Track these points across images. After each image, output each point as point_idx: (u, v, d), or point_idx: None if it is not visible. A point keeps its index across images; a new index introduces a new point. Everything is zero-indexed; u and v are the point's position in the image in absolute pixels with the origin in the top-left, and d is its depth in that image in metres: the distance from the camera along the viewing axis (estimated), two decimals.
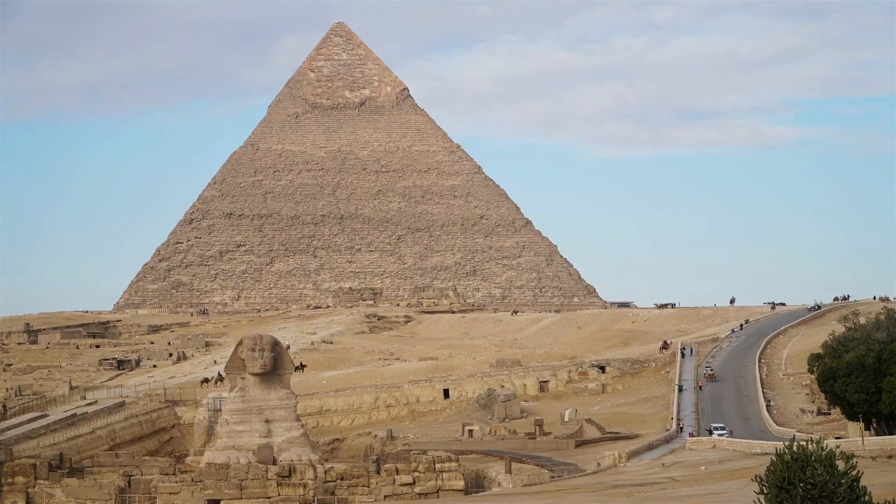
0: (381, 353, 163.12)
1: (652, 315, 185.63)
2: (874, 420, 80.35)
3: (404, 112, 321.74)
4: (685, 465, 73.78)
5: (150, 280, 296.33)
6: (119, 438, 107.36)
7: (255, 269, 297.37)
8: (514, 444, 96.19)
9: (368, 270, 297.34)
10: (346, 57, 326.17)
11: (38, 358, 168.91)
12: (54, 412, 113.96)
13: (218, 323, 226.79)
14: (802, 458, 31.12)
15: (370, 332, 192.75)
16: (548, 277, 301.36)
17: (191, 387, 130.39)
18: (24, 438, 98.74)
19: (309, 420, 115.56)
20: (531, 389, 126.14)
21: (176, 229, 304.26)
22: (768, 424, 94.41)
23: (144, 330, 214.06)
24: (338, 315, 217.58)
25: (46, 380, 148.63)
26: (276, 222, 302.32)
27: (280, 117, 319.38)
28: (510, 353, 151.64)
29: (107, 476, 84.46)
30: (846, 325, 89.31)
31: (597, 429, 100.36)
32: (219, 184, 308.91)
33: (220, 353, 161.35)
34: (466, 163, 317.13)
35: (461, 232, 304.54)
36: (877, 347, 78.93)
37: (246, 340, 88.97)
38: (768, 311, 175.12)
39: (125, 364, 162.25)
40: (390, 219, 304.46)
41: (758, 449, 75.23)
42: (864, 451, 65.08)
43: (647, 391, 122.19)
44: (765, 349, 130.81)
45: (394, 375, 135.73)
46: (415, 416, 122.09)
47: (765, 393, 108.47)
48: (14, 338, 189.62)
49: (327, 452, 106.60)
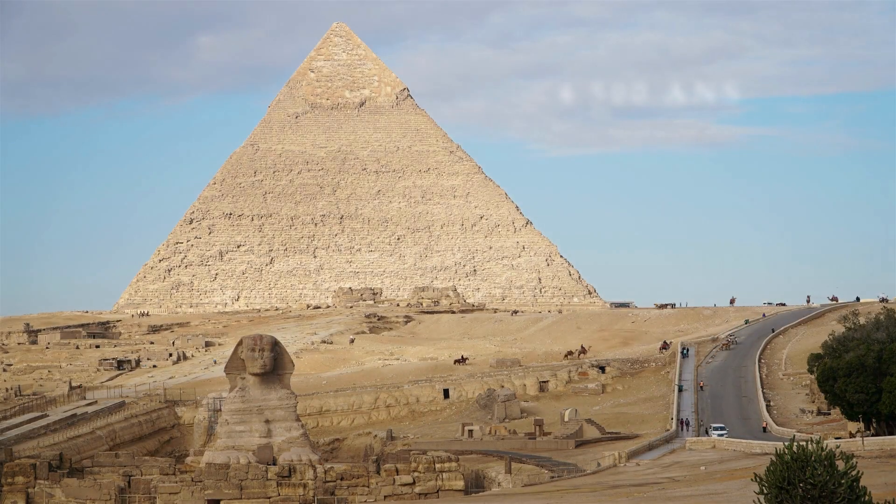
0: (381, 353, 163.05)
1: (652, 315, 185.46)
2: (874, 420, 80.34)
3: (404, 112, 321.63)
4: (685, 465, 73.79)
5: (150, 280, 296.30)
6: (119, 438, 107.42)
7: (255, 269, 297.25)
8: (513, 444, 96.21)
9: (368, 270, 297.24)
10: (345, 57, 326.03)
11: (38, 358, 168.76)
12: (54, 412, 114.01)
13: (218, 323, 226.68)
14: (802, 458, 31.13)
15: (370, 333, 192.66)
16: (548, 277, 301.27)
17: (190, 387, 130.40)
18: (24, 438, 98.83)
19: (309, 420, 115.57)
20: (531, 389, 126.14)
21: (176, 229, 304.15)
22: (768, 424, 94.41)
23: (144, 330, 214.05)
24: (338, 315, 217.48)
25: (46, 380, 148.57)
26: (276, 222, 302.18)
27: (280, 117, 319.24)
28: (510, 354, 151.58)
29: (107, 476, 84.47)
30: (846, 326, 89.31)
31: (597, 429, 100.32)
32: (219, 184, 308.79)
33: (220, 353, 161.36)
34: (466, 163, 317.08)
35: (461, 232, 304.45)
36: (877, 347, 78.94)
37: (246, 340, 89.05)
38: (768, 311, 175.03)
39: (125, 364, 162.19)
40: (390, 219, 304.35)
41: (758, 449, 75.28)
42: (864, 451, 65.12)
43: (646, 391, 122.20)
44: (765, 349, 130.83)
45: (394, 375, 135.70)
46: (415, 416, 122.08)
47: (765, 393, 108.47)
48: (14, 338, 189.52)
49: (327, 452, 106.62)
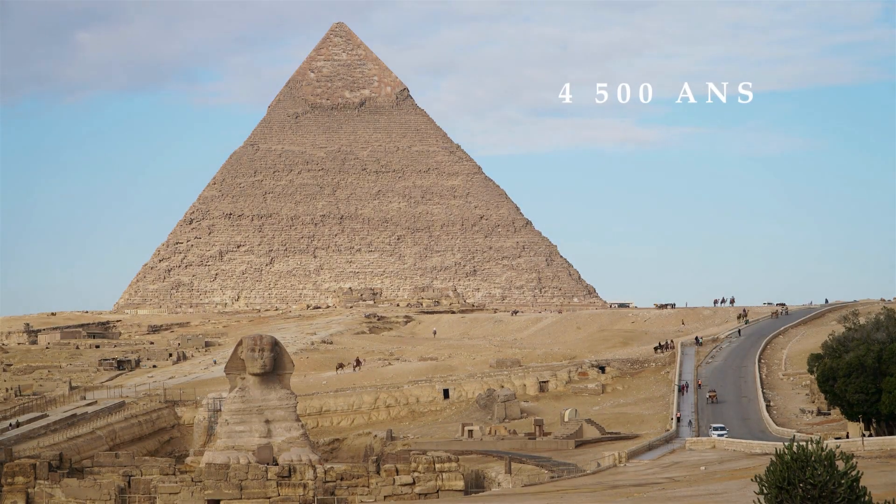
0: (381, 353, 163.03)
1: (652, 315, 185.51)
2: (874, 420, 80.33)
3: (404, 112, 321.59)
4: (685, 465, 73.78)
5: (150, 280, 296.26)
6: (119, 439, 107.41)
7: (255, 269, 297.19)
8: (513, 445, 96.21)
9: (368, 270, 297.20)
10: (345, 57, 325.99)
11: (38, 358, 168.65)
12: (54, 412, 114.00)
13: (218, 323, 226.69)
14: (802, 458, 31.14)
15: (370, 333, 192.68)
16: (548, 277, 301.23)
17: (190, 387, 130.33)
18: (24, 438, 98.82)
19: (309, 420, 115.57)
20: (531, 389, 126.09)
21: (176, 229, 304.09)
22: (768, 424, 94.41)
23: (144, 330, 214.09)
24: (338, 315, 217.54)
25: (46, 380, 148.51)
26: (276, 222, 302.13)
27: (280, 117, 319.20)
28: (510, 354, 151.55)
29: (107, 476, 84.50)
30: (846, 326, 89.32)
31: (597, 429, 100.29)
32: (219, 184, 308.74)
33: (220, 353, 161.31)
34: (466, 163, 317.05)
35: (461, 232, 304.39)
36: (877, 347, 78.93)
37: (246, 340, 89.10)
38: (768, 311, 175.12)
39: (125, 364, 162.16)
40: (390, 219, 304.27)
41: (758, 449, 75.25)
42: (864, 451, 65.11)
43: (646, 391, 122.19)
44: (765, 349, 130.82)
45: (394, 375, 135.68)
46: (415, 417, 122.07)
47: (765, 393, 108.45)
48: (14, 338, 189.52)
49: (327, 452, 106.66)
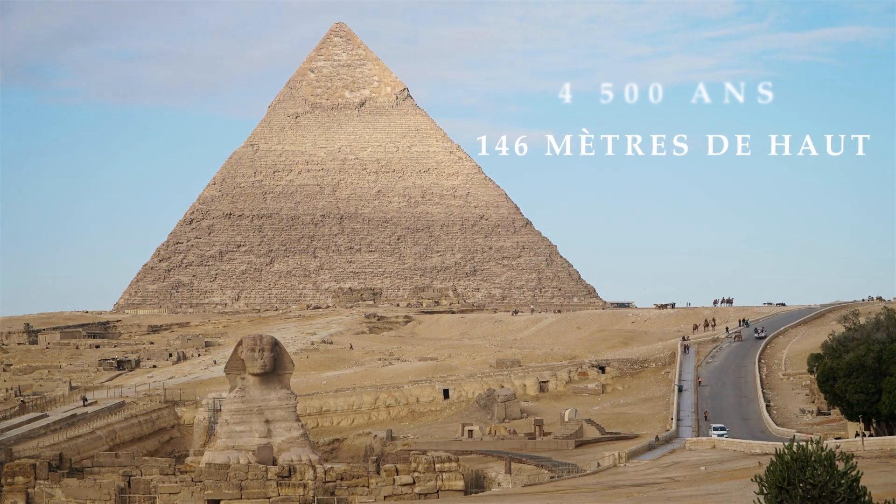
0: (381, 353, 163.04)
1: (652, 315, 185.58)
2: (874, 420, 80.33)
3: (404, 112, 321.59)
4: (685, 465, 73.77)
5: (150, 280, 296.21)
6: (119, 439, 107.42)
7: (255, 269, 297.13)
8: (513, 445, 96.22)
9: (368, 270, 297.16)
10: (345, 57, 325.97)
11: (38, 358, 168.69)
12: (54, 412, 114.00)
13: (218, 323, 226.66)
14: (802, 458, 31.13)
15: (370, 333, 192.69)
16: (548, 277, 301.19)
17: (190, 387, 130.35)
18: (24, 438, 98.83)
19: (309, 420, 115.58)
20: (531, 390, 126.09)
21: (176, 229, 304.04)
22: (768, 424, 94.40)
23: (144, 330, 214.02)
24: (337, 315, 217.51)
25: (46, 380, 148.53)
26: (276, 222, 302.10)
27: (280, 117, 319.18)
28: (510, 354, 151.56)
29: (107, 476, 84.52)
30: (846, 326, 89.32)
31: (597, 429, 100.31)
32: (219, 184, 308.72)
33: (220, 354, 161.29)
34: (466, 163, 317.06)
35: (461, 232, 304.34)
36: (877, 348, 78.93)
37: (246, 341, 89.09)
38: (767, 311, 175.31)
39: (125, 364, 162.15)
40: (390, 219, 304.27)
41: (758, 449, 75.23)
42: (864, 451, 65.11)
43: (646, 391, 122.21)
44: (765, 349, 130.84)
45: (394, 376, 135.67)
46: (415, 417, 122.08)
47: (765, 393, 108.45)
48: (14, 338, 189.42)
49: (327, 452, 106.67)
